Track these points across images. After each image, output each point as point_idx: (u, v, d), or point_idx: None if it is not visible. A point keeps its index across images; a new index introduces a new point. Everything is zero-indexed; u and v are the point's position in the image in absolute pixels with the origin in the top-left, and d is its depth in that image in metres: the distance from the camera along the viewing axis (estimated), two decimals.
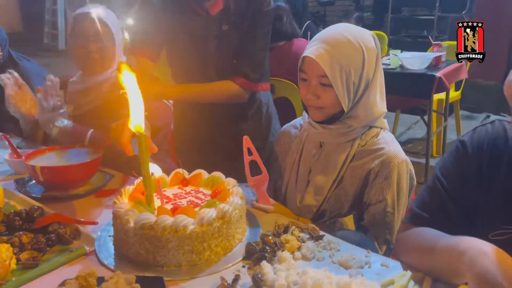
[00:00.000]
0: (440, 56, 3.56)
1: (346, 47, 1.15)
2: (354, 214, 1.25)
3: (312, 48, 1.17)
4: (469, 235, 0.80)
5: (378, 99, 1.22)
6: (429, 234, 0.93)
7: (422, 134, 4.46)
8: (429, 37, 4.14)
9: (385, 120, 1.28)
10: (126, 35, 1.73)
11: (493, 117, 4.75)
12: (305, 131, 1.33)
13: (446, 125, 3.86)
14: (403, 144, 4.13)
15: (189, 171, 1.21)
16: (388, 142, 1.22)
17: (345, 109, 1.18)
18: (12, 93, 1.76)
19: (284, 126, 1.47)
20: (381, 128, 1.26)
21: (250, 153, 1.21)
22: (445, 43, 4.04)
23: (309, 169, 1.29)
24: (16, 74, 1.80)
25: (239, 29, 1.51)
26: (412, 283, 0.89)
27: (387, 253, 1.20)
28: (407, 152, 1.32)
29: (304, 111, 1.31)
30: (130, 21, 1.69)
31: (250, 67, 1.54)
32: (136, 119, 0.96)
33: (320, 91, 1.18)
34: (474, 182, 0.94)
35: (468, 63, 4.08)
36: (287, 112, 3.06)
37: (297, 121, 1.44)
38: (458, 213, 0.95)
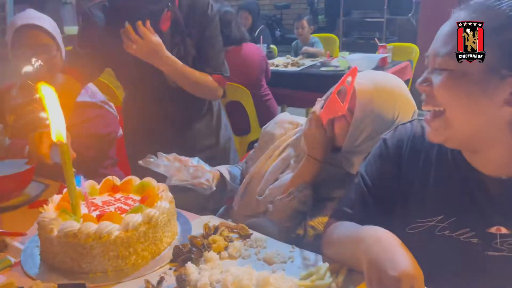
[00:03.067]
0: (386, 57, 3.71)
1: (387, 104, 1.12)
2: None
3: (362, 80, 1.14)
4: (387, 229, 0.84)
5: None
6: (344, 226, 0.98)
7: None
8: (375, 39, 4.29)
9: None
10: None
11: None
12: (299, 131, 1.33)
13: None
14: None
15: (143, 176, 1.22)
16: None
17: (343, 149, 1.18)
18: None
19: (279, 119, 1.43)
20: None
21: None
22: (391, 45, 4.21)
23: (282, 170, 1.29)
24: None
25: (193, 37, 1.56)
26: (328, 274, 0.94)
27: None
28: None
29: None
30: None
31: (220, 66, 1.61)
32: (57, 129, 0.96)
33: (337, 118, 1.17)
34: (394, 179, 0.99)
35: (414, 63, 4.28)
36: (239, 115, 3.10)
37: (298, 118, 1.42)
38: (377, 209, 1.01)
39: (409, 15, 5.94)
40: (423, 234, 0.94)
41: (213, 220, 1.19)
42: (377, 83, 1.14)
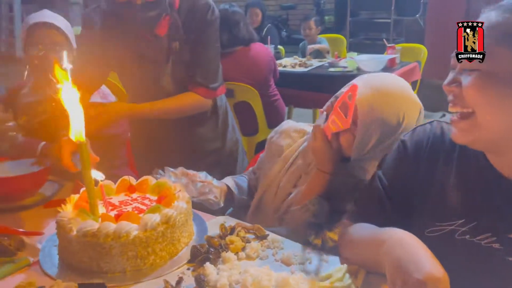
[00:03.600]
0: (394, 58, 3.70)
1: (388, 107, 1.09)
2: None
3: (360, 90, 1.11)
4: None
5: None
6: (362, 228, 0.98)
7: None
8: (384, 39, 4.28)
9: None
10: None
11: (448, 115, 4.94)
12: (306, 139, 1.31)
13: None
14: None
15: None
16: None
17: (352, 158, 1.17)
18: None
19: (284, 128, 1.41)
20: None
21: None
22: (401, 45, 4.20)
23: (294, 183, 1.28)
24: None
25: (189, 43, 1.53)
26: (347, 275, 0.93)
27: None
28: None
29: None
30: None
31: (207, 76, 1.56)
32: (77, 129, 0.97)
33: (342, 131, 1.15)
34: (412, 181, 0.98)
35: (422, 64, 4.26)
36: (247, 116, 3.10)
37: (303, 125, 1.40)
38: (395, 211, 0.99)
39: (417, 15, 5.92)
40: (442, 238, 0.93)
41: (229, 221, 1.19)
42: (375, 88, 1.11)
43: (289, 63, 3.91)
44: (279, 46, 4.69)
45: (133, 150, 1.85)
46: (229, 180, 1.43)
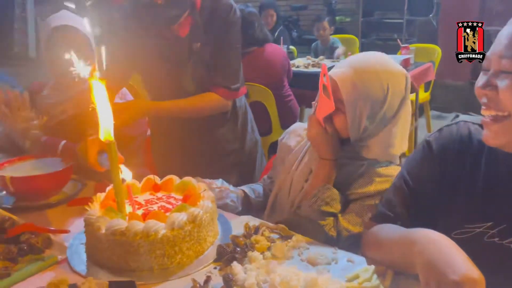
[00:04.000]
0: (408, 59, 3.68)
1: (370, 79, 1.12)
2: None
3: (338, 70, 1.16)
4: None
5: (398, 140, 1.19)
6: (389, 229, 0.97)
7: None
8: (398, 40, 4.26)
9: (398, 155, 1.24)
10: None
11: (462, 116, 4.89)
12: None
13: (417, 126, 3.98)
14: None
15: None
16: None
17: (351, 139, 1.18)
18: None
19: (293, 128, 1.43)
20: (393, 163, 1.22)
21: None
22: (414, 46, 4.17)
23: (306, 177, 1.28)
24: (7, 90, 1.73)
25: (211, 44, 1.52)
26: (375, 276, 0.93)
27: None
28: None
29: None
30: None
31: (228, 77, 1.56)
32: (105, 127, 0.98)
33: (333, 113, 1.17)
34: (438, 182, 0.97)
35: (436, 64, 4.23)
36: (261, 116, 3.10)
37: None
38: (421, 212, 0.99)
39: (430, 15, 5.87)
40: (470, 241, 0.92)
41: (252, 220, 1.20)
42: (354, 66, 1.14)
43: (302, 64, 3.91)
44: (292, 47, 4.69)
45: (153, 150, 1.86)
46: (244, 187, 1.46)
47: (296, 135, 1.39)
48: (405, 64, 3.62)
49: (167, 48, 1.52)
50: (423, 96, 4.17)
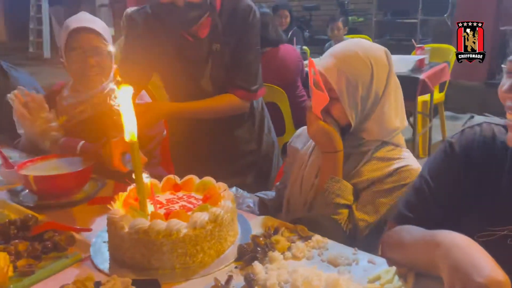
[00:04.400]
0: (423, 59, 3.66)
1: (353, 61, 1.16)
2: None
3: (322, 62, 1.20)
4: None
5: (393, 114, 1.22)
6: (411, 230, 0.97)
7: (408, 135, 4.54)
8: (412, 40, 4.23)
9: (403, 137, 1.27)
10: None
11: (477, 117, 4.85)
12: None
13: (431, 126, 3.95)
14: None
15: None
16: (410, 158, 1.21)
17: (352, 123, 1.19)
18: (18, 112, 1.72)
19: (299, 132, 1.44)
20: (399, 146, 1.25)
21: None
22: (428, 46, 4.13)
23: (315, 174, 1.29)
24: (25, 92, 1.73)
25: (230, 45, 1.53)
26: (397, 278, 0.93)
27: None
28: None
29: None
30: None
31: (247, 79, 1.57)
32: (129, 127, 0.99)
33: (329, 104, 1.18)
34: (461, 184, 0.96)
35: (451, 65, 4.19)
36: (275, 117, 3.10)
37: None
38: (442, 214, 0.98)
39: (445, 15, 5.81)
40: (494, 243, 0.91)
41: (270, 221, 1.20)
42: (334, 53, 1.19)
43: None
44: (305, 47, 4.69)
45: (171, 150, 1.87)
46: (259, 194, 1.47)
47: (303, 138, 1.40)
48: (420, 64, 3.59)
49: (187, 49, 1.53)
50: (438, 96, 4.13)
